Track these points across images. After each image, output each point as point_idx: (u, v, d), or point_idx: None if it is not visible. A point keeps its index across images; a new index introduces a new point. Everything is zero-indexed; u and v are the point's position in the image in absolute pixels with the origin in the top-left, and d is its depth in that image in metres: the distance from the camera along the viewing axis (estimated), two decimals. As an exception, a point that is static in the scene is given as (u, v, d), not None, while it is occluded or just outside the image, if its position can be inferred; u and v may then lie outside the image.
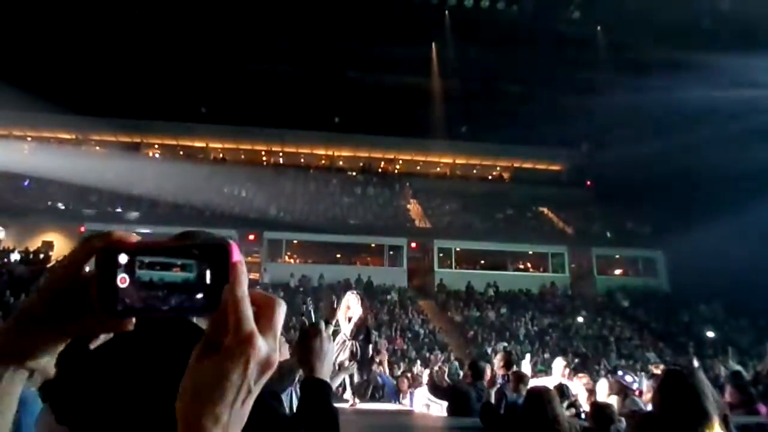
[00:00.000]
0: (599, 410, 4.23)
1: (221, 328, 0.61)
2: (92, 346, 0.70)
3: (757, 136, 24.08)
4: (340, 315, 6.69)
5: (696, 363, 14.78)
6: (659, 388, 2.67)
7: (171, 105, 30.82)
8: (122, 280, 0.63)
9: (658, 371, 6.85)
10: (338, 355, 6.50)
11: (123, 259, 0.64)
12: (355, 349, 6.52)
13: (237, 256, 0.64)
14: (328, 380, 1.61)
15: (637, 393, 6.21)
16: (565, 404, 5.36)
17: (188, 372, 0.61)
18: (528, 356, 8.26)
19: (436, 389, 6.80)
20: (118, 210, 27.47)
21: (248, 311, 0.62)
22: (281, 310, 0.66)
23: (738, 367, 14.54)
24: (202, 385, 0.60)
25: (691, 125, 25.66)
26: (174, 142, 35.88)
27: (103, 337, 0.71)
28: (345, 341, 6.64)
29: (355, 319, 6.58)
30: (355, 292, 6.95)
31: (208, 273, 0.64)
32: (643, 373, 7.15)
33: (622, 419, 4.21)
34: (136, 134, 34.31)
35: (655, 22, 25.34)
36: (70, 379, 0.96)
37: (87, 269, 0.67)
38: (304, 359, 1.63)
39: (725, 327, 24.54)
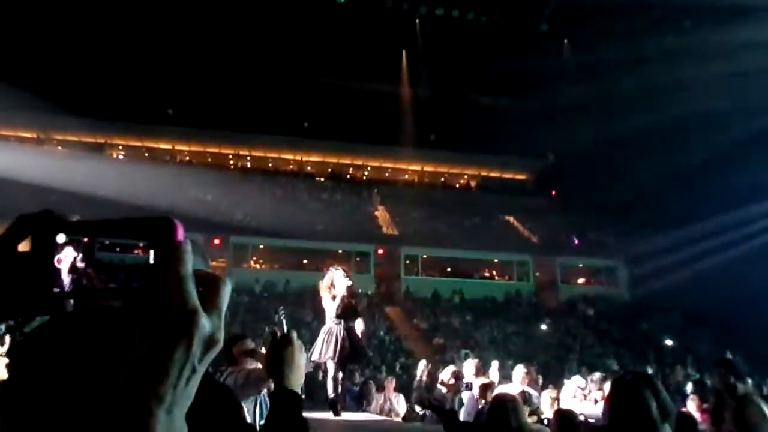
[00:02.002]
0: (564, 418, 4.28)
1: (165, 307, 0.60)
2: (27, 329, 0.68)
3: (719, 150, 24.82)
4: (324, 294, 6.46)
5: (650, 371, 15.06)
6: (608, 398, 2.69)
7: (137, 105, 30.30)
8: (59, 261, 0.61)
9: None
10: (323, 348, 6.14)
11: (61, 238, 0.61)
12: (343, 341, 6.09)
13: (181, 234, 0.63)
14: (299, 391, 1.59)
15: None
16: (527, 411, 5.42)
17: (131, 351, 0.60)
18: (495, 363, 8.17)
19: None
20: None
21: (192, 289, 0.61)
22: (226, 289, 0.65)
23: (697, 376, 14.89)
24: (145, 364, 0.58)
25: (654, 138, 26.32)
26: (139, 144, 35.29)
27: (39, 320, 0.69)
28: (331, 329, 6.27)
29: (339, 297, 6.30)
30: (340, 267, 6.70)
31: (151, 252, 0.62)
32: (590, 379, 7.14)
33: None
34: (101, 134, 33.61)
35: (622, 37, 25.91)
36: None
37: (21, 248, 0.64)
38: (274, 369, 1.59)
39: (683, 336, 25.12)
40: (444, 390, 6.60)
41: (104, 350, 0.84)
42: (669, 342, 24.25)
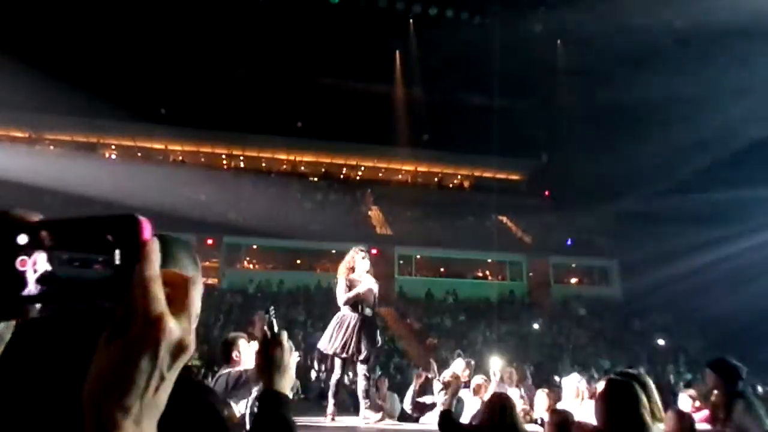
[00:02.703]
0: (560, 418, 4.26)
1: (131, 311, 0.57)
2: None
3: (710, 149, 24.98)
4: (340, 278, 5.93)
5: (641, 370, 15.12)
6: (601, 398, 2.71)
7: (130, 105, 30.12)
8: (22, 263, 0.57)
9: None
10: (331, 339, 5.65)
11: (23, 239, 0.58)
12: (357, 333, 5.52)
13: (148, 233, 0.59)
14: (287, 393, 1.58)
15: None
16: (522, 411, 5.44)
17: (95, 360, 0.57)
18: (497, 363, 8.14)
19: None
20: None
21: (158, 292, 0.57)
22: (196, 290, 0.62)
23: (689, 375, 14.97)
24: (110, 374, 0.55)
25: (646, 138, 26.43)
26: (132, 144, 35.13)
27: (2, 325, 0.66)
28: (344, 318, 5.77)
29: (361, 288, 5.75)
30: (361, 249, 6.14)
31: (117, 252, 0.58)
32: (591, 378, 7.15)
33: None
34: (93, 134, 33.46)
35: (616, 38, 26.01)
36: None
37: None
38: (263, 370, 1.59)
39: (676, 335, 25.24)
40: (442, 389, 6.56)
41: (70, 358, 0.81)
42: (661, 341, 24.37)
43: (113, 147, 35.18)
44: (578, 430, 3.91)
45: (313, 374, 15.64)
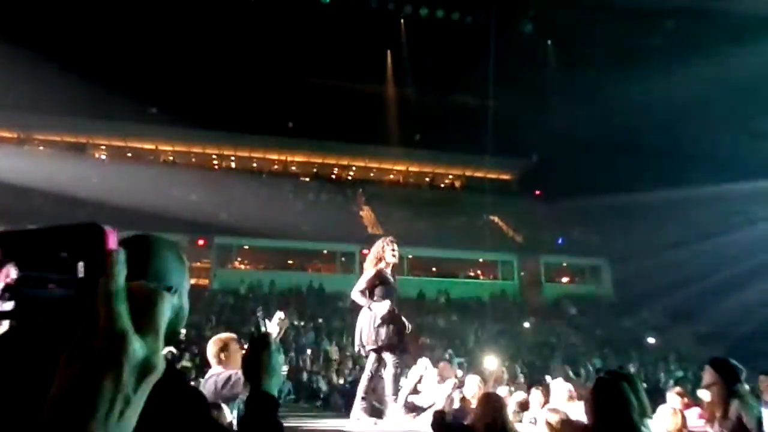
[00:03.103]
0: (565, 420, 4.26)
1: (93, 327, 0.53)
2: None
3: (699, 149, 25.15)
4: (368, 268, 5.93)
5: (631, 369, 15.20)
6: (590, 397, 2.75)
7: (120, 105, 29.94)
8: None
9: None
10: (361, 335, 5.57)
11: None
12: (386, 325, 5.47)
13: (113, 243, 0.57)
14: (275, 395, 1.57)
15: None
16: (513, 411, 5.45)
17: (56, 380, 0.52)
18: (492, 361, 8.13)
19: None
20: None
21: (121, 307, 0.53)
22: (163, 305, 0.57)
23: (680, 373, 15.05)
24: (70, 397, 0.51)
25: (637, 138, 26.56)
26: (122, 144, 34.94)
27: None
28: (366, 312, 5.72)
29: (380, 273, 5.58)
30: (391, 239, 6.08)
31: (80, 265, 0.55)
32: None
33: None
34: (83, 134, 33.25)
35: (606, 38, 26.12)
36: None
37: None
38: (250, 372, 1.57)
39: (666, 334, 25.39)
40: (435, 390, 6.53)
41: (29, 376, 0.77)
42: (652, 340, 24.51)
43: (103, 147, 34.98)
44: (569, 428, 3.93)
45: (305, 375, 15.62)
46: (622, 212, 28.47)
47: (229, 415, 3.66)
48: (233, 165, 36.54)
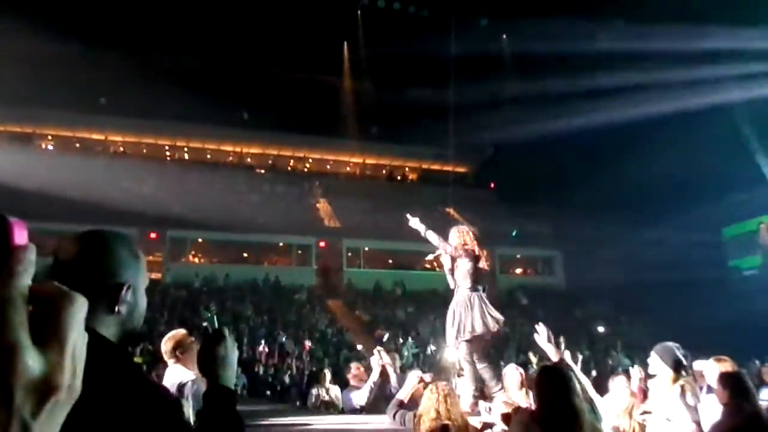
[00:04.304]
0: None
1: None
2: None
3: (653, 145, 25.89)
4: (445, 258, 5.82)
5: (580, 357, 15.56)
6: (535, 385, 2.90)
7: (68, 94, 28.95)
8: None
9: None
10: (459, 323, 5.40)
11: None
12: (480, 313, 5.24)
13: (21, 238, 0.48)
14: (232, 387, 1.57)
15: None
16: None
17: None
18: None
19: None
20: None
21: (14, 314, 0.44)
22: (73, 309, 0.48)
23: (627, 361, 15.51)
24: None
25: (591, 131, 27.14)
26: (70, 134, 33.84)
27: None
28: (460, 300, 5.57)
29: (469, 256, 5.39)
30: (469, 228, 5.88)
31: None
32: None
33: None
34: (28, 124, 32.04)
35: (560, 32, 26.59)
36: None
37: None
38: (206, 367, 1.57)
39: (614, 323, 26.15)
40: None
41: None
42: (601, 329, 25.22)
43: (50, 137, 33.82)
44: (518, 414, 4.03)
45: (260, 369, 15.52)
46: (575, 204, 29.11)
47: (188, 411, 3.61)
48: (186, 156, 35.87)
